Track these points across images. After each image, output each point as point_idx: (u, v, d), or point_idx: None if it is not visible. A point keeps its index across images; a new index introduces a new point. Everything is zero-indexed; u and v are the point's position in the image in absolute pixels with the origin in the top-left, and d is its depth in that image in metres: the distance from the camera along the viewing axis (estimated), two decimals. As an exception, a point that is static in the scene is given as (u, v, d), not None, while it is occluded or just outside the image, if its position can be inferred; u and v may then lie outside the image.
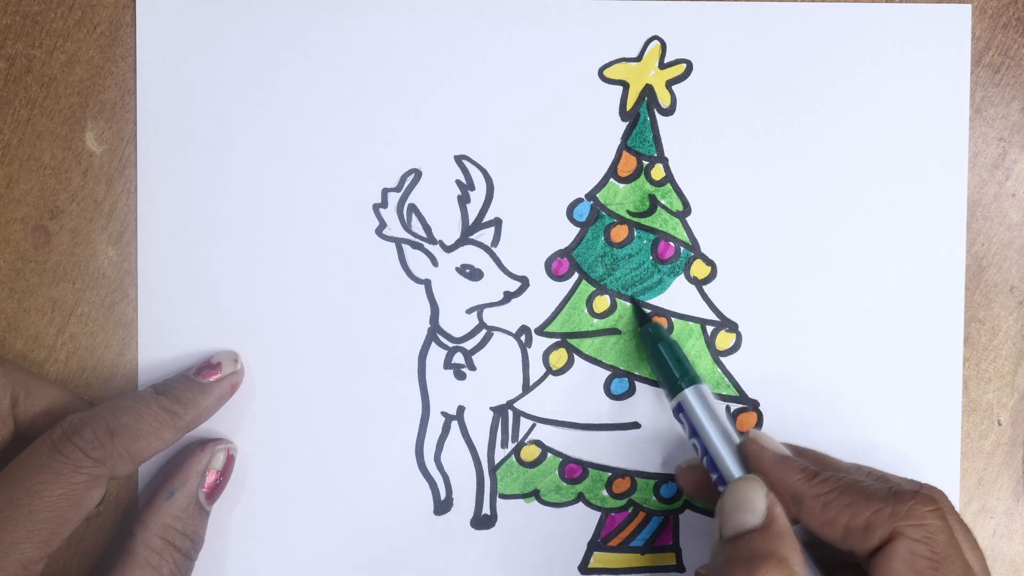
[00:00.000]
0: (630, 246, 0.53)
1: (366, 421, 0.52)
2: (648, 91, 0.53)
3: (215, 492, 0.51)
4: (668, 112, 0.53)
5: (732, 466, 0.47)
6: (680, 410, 0.50)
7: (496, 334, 0.53)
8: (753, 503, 0.44)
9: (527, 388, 0.53)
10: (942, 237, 0.53)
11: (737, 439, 0.48)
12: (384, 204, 0.52)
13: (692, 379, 0.50)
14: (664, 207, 0.53)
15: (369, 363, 0.52)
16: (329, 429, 0.52)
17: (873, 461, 0.52)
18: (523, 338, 0.53)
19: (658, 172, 0.53)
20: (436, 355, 0.53)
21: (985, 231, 0.54)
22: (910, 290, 0.53)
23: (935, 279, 0.53)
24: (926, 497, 0.43)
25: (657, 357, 0.51)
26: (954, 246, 0.53)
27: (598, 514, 0.53)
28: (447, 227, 0.53)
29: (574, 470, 0.53)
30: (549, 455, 0.53)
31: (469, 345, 0.53)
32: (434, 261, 0.52)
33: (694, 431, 0.49)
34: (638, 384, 0.53)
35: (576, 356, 0.53)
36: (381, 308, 0.52)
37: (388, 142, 0.52)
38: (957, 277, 0.53)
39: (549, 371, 0.53)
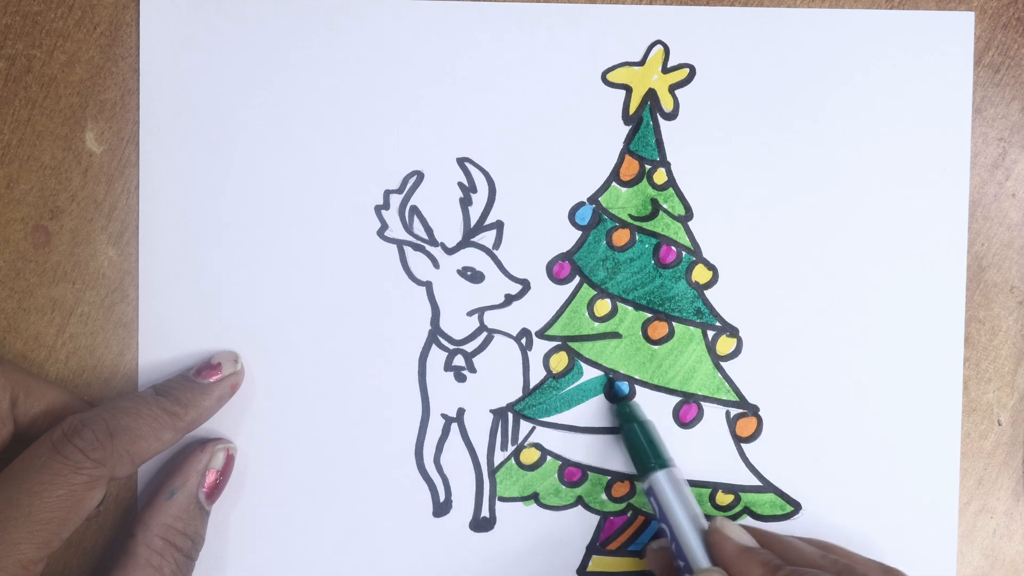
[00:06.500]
0: (632, 250, 0.53)
1: (366, 422, 0.53)
2: (651, 95, 0.53)
3: (215, 492, 0.51)
4: (671, 116, 0.53)
5: (698, 555, 0.47)
6: (651, 492, 0.50)
7: (497, 337, 0.53)
8: None
9: (527, 391, 0.53)
10: (943, 240, 0.53)
11: (705, 525, 0.48)
12: (386, 206, 0.52)
13: (664, 462, 0.50)
14: (666, 211, 0.53)
15: (369, 364, 0.52)
16: (329, 430, 0.52)
17: (873, 462, 0.53)
18: (524, 341, 0.53)
19: (660, 176, 0.53)
20: (436, 357, 0.53)
21: (985, 231, 0.54)
22: (911, 292, 0.53)
23: (936, 280, 0.53)
24: None
25: (631, 437, 0.51)
26: (955, 248, 0.53)
27: (597, 518, 0.53)
28: (449, 229, 0.53)
29: (573, 473, 0.53)
30: (548, 458, 0.53)
31: (470, 347, 0.53)
32: (435, 263, 0.52)
33: (663, 515, 0.49)
34: (638, 388, 0.53)
35: (577, 359, 0.53)
36: (382, 310, 0.52)
37: (390, 144, 0.52)
38: (958, 278, 0.53)
39: (549, 374, 0.53)
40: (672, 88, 0.53)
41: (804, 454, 0.53)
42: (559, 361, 0.53)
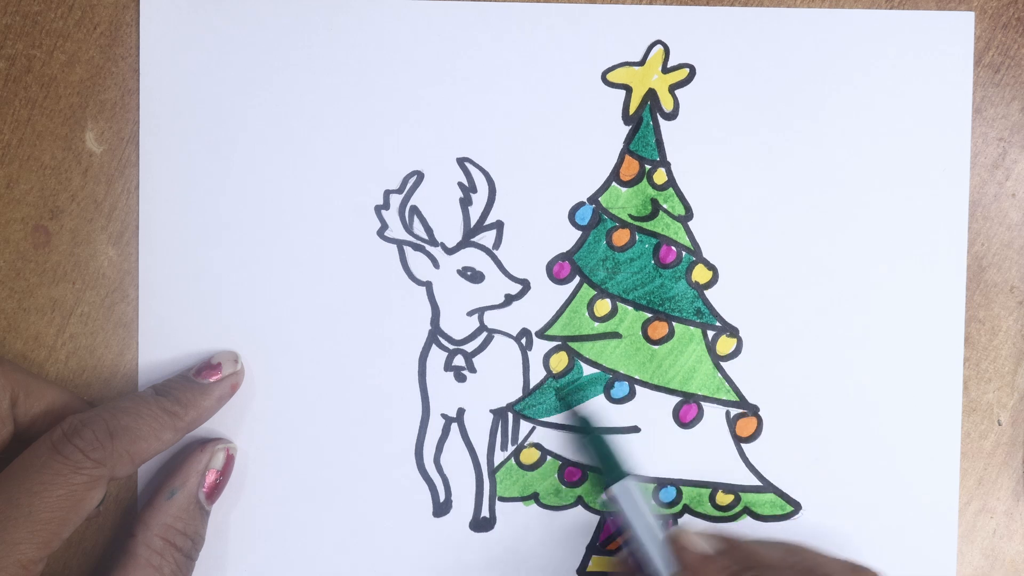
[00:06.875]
0: (632, 250, 0.53)
1: (366, 422, 0.52)
2: (651, 95, 0.53)
3: (215, 492, 0.51)
4: (671, 116, 0.53)
5: (660, 564, 0.48)
6: (620, 499, 0.50)
7: (497, 337, 0.53)
8: None
9: (527, 391, 0.53)
10: (943, 240, 0.53)
11: (663, 535, 0.49)
12: (386, 206, 0.52)
13: (623, 472, 0.50)
14: (666, 211, 0.53)
15: (369, 364, 0.52)
16: (329, 430, 0.52)
17: (873, 462, 0.53)
18: (524, 341, 0.53)
19: (660, 176, 0.53)
20: (436, 357, 0.53)
21: (985, 231, 0.54)
22: (911, 292, 0.53)
23: (936, 280, 0.53)
24: None
25: (597, 445, 0.51)
26: (955, 248, 0.53)
27: (597, 518, 0.53)
28: (449, 229, 0.52)
29: (573, 473, 0.53)
30: (548, 458, 0.53)
31: (470, 347, 0.53)
32: (435, 263, 0.52)
33: (634, 522, 0.49)
34: (638, 388, 0.53)
35: (577, 359, 0.53)
36: (382, 310, 0.52)
37: (390, 144, 0.52)
38: (958, 278, 0.53)
39: (549, 374, 0.53)
40: (672, 88, 0.53)
41: (804, 454, 0.53)
42: (559, 361, 0.53)
